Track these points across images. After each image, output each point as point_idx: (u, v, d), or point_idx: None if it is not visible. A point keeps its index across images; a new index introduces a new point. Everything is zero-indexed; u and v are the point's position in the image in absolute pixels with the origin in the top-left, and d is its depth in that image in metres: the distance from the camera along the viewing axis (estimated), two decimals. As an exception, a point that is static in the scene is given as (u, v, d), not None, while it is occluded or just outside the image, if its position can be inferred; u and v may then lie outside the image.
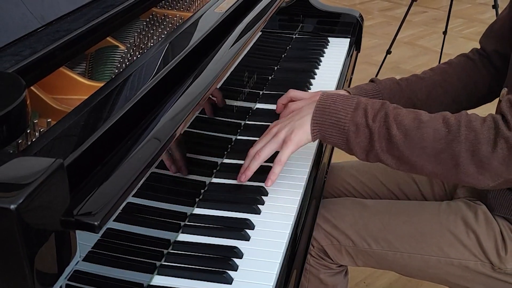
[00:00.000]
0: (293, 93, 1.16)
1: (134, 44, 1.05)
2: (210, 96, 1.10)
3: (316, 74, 1.48)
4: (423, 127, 0.91)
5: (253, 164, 1.00)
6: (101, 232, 0.66)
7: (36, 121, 0.76)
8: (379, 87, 1.19)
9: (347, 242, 1.13)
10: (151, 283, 0.83)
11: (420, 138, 0.91)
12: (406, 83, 1.21)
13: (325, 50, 1.61)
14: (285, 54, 1.59)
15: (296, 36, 1.70)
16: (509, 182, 0.91)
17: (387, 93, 1.19)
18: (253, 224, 0.94)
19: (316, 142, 1.19)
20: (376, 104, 0.96)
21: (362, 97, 0.99)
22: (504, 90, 1.10)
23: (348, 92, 1.17)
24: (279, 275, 0.86)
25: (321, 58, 1.56)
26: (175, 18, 1.16)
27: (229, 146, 1.15)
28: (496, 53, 1.21)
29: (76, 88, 0.88)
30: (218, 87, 1.04)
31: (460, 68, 1.23)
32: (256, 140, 1.17)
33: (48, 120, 0.77)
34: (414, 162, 0.92)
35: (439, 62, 2.70)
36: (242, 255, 0.88)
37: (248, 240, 0.91)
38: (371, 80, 1.23)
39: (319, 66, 1.52)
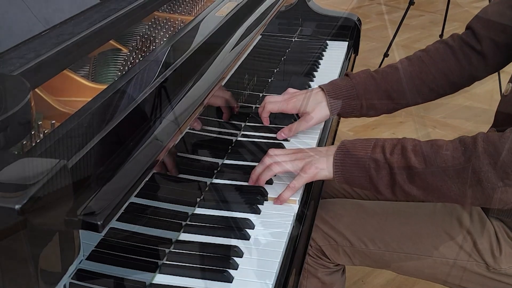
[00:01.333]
0: (268, 98, 1.20)
1: (136, 47, 1.06)
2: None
3: (315, 77, 1.49)
4: (441, 150, 0.91)
5: (265, 176, 1.02)
6: (104, 231, 0.67)
7: (41, 122, 0.77)
8: (353, 82, 1.19)
9: (345, 243, 1.14)
10: (153, 282, 0.84)
11: (440, 162, 0.91)
12: (381, 75, 1.20)
13: (323, 53, 1.63)
14: (285, 57, 1.60)
15: (296, 39, 1.71)
16: None
17: (361, 87, 1.19)
18: (253, 224, 0.95)
19: (316, 141, 1.20)
20: (393, 140, 0.97)
21: (381, 138, 1.00)
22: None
23: (322, 89, 1.19)
24: (278, 274, 0.87)
25: (320, 61, 1.58)
26: (176, 22, 1.17)
27: (230, 147, 1.16)
28: (488, 38, 1.18)
29: (79, 90, 0.88)
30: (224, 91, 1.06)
31: (437, 56, 1.21)
32: (256, 141, 1.19)
33: (52, 121, 0.77)
34: (439, 187, 0.91)
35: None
36: (243, 254, 0.89)
37: (248, 240, 0.92)
38: (346, 74, 1.23)
39: (318, 69, 1.54)
